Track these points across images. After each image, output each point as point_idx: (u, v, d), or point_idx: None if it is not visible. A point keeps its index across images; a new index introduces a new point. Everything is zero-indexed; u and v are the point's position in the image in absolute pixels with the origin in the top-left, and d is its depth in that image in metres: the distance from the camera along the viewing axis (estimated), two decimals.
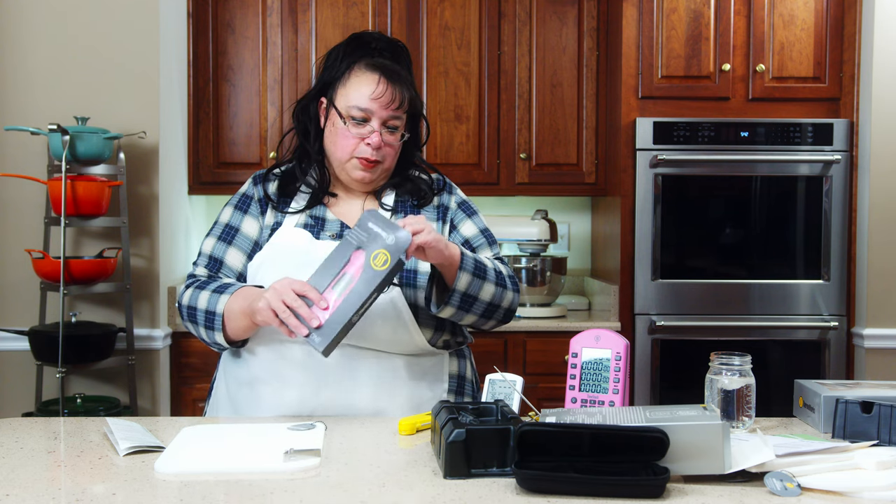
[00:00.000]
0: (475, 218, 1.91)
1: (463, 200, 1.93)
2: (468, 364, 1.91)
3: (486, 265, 1.74)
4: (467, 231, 1.88)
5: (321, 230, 1.81)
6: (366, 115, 1.77)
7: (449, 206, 1.90)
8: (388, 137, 1.79)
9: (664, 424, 1.28)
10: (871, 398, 1.51)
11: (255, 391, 1.76)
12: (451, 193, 1.93)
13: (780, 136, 3.30)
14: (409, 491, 1.28)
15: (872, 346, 3.25)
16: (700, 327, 3.29)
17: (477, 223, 1.90)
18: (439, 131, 3.58)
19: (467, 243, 1.86)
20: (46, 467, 1.42)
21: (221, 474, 1.35)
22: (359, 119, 1.77)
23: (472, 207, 1.94)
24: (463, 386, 1.87)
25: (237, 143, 3.56)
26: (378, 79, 1.77)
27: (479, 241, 1.88)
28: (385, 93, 1.76)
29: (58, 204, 2.90)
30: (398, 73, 1.79)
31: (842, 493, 1.25)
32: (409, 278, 1.76)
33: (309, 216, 1.83)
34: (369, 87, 1.76)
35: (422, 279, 1.77)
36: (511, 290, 1.78)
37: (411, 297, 1.75)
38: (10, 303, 3.15)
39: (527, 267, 3.54)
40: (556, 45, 3.60)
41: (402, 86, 1.79)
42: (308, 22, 3.54)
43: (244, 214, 1.85)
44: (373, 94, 1.76)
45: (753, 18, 3.31)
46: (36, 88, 3.13)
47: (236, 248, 1.82)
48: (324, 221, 1.83)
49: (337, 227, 1.82)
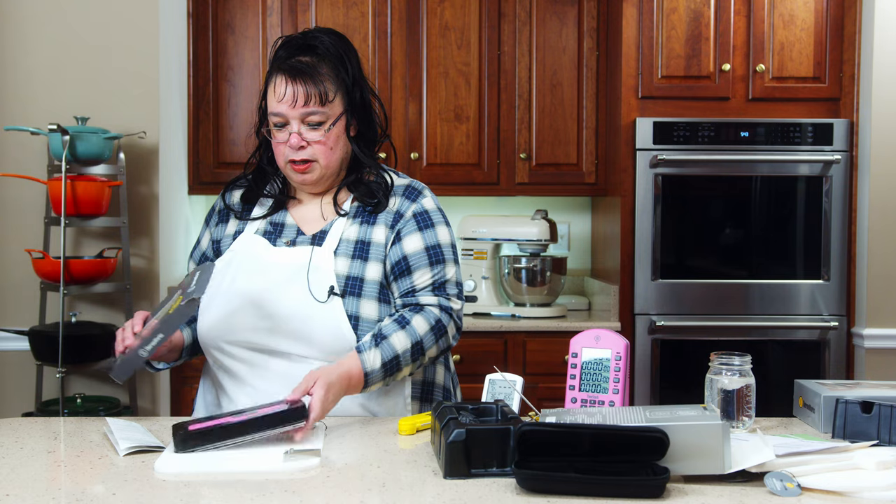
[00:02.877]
0: (428, 232, 1.81)
1: (423, 211, 1.83)
2: (439, 368, 1.88)
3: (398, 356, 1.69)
4: (409, 247, 1.79)
5: (278, 237, 1.82)
6: (282, 119, 1.77)
7: (404, 214, 1.81)
8: (310, 134, 1.76)
9: (664, 424, 1.28)
10: (871, 398, 1.52)
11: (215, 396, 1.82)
12: (413, 201, 1.83)
13: (780, 136, 3.30)
14: (409, 491, 1.28)
15: (872, 346, 3.25)
16: (700, 327, 3.29)
17: (427, 238, 1.80)
18: (439, 131, 3.58)
19: (404, 260, 1.78)
20: (46, 467, 1.42)
21: (221, 474, 1.35)
22: (279, 125, 1.78)
23: (432, 219, 1.83)
24: (431, 392, 1.85)
25: (237, 143, 3.56)
26: (284, 80, 1.75)
27: (418, 261, 1.78)
28: (287, 93, 1.74)
29: (58, 204, 2.90)
30: (304, 69, 1.75)
31: (842, 493, 1.25)
32: (354, 287, 1.75)
33: (269, 223, 1.85)
34: (278, 90, 1.76)
35: (367, 287, 1.75)
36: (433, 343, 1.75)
37: (353, 307, 1.73)
38: (10, 303, 3.15)
39: (527, 267, 3.54)
40: (556, 45, 3.60)
41: (310, 81, 1.74)
42: (308, 22, 3.53)
43: (206, 227, 1.97)
44: (278, 97, 1.75)
45: (753, 18, 3.31)
46: (36, 88, 3.13)
47: (193, 260, 1.96)
48: (282, 227, 1.84)
49: (293, 232, 1.82)
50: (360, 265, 1.76)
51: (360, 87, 1.81)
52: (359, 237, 1.79)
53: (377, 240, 1.79)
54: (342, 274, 1.75)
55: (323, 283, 1.73)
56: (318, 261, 1.75)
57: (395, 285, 1.79)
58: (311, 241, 1.80)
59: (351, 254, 1.77)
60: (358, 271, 1.76)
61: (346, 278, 1.75)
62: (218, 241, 1.88)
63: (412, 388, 1.82)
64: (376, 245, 1.79)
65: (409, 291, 1.78)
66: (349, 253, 1.77)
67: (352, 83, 1.79)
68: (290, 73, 1.75)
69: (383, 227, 1.80)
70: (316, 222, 1.83)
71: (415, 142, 3.57)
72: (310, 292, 1.72)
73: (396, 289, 1.79)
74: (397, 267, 1.78)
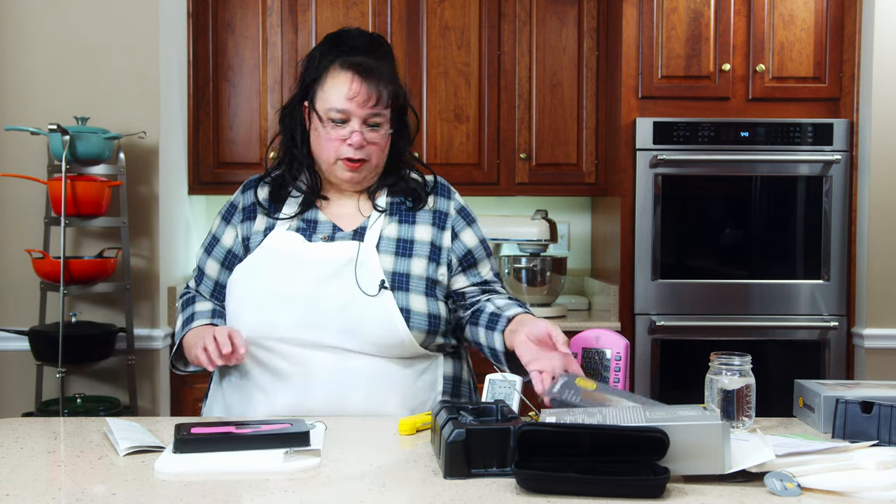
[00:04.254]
0: (475, 227, 1.91)
1: (462, 207, 1.92)
2: (464, 366, 1.90)
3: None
4: (469, 241, 1.88)
5: (313, 232, 1.81)
6: (344, 116, 1.76)
7: (448, 212, 1.88)
8: (370, 135, 1.78)
9: (664, 424, 1.28)
10: (871, 398, 1.52)
11: (248, 394, 1.77)
12: (450, 199, 1.91)
13: (780, 136, 3.30)
14: (409, 491, 1.28)
15: (872, 346, 3.25)
16: (700, 327, 3.29)
17: (477, 233, 1.90)
18: (439, 131, 3.58)
19: (469, 254, 1.86)
20: (46, 467, 1.42)
21: (221, 474, 1.35)
22: (338, 120, 1.77)
23: (471, 215, 1.93)
24: (459, 388, 1.86)
25: (237, 143, 3.56)
26: (352, 77, 1.76)
27: (480, 254, 1.89)
28: (360, 91, 1.75)
29: (58, 204, 2.90)
30: (374, 69, 1.77)
31: (842, 493, 1.25)
32: (402, 282, 1.76)
33: (301, 220, 1.83)
34: (344, 87, 1.75)
35: (414, 282, 1.77)
36: None
37: (403, 300, 1.75)
38: (10, 303, 3.15)
39: (527, 267, 3.54)
40: (556, 45, 3.60)
41: (378, 82, 1.76)
42: (308, 22, 3.53)
43: (227, 225, 1.89)
44: (348, 94, 1.75)
45: (753, 18, 3.31)
46: (36, 88, 3.13)
47: (214, 258, 1.89)
48: (315, 224, 1.83)
49: (329, 228, 1.82)
50: (405, 261, 1.78)
51: (404, 91, 1.86)
52: (400, 235, 1.81)
53: (421, 237, 1.82)
54: (388, 270, 1.76)
55: (371, 277, 1.74)
56: (364, 255, 1.76)
57: (464, 276, 1.86)
58: (352, 236, 1.80)
59: (394, 251, 1.79)
60: (403, 267, 1.78)
61: (392, 274, 1.76)
62: (247, 238, 1.84)
63: (443, 384, 1.82)
64: (420, 242, 1.81)
65: (482, 282, 1.88)
66: (392, 250, 1.79)
67: (399, 86, 1.83)
68: (359, 71, 1.76)
69: (426, 226, 1.84)
70: (353, 218, 1.83)
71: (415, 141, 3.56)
72: (358, 286, 1.72)
73: (466, 279, 1.86)
74: (465, 261, 1.86)
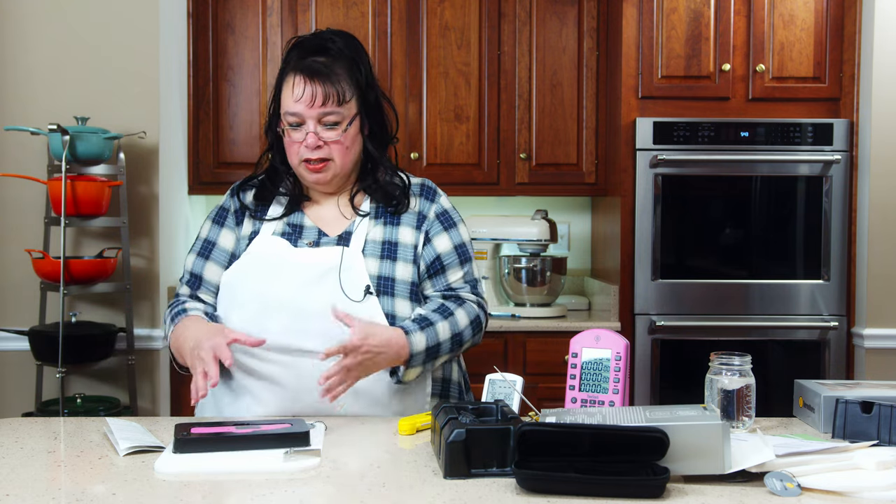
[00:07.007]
0: (453, 231, 1.88)
1: (443, 211, 1.89)
2: (454, 367, 1.90)
3: (440, 344, 1.74)
4: (441, 246, 1.85)
5: (299, 238, 1.82)
6: (298, 119, 1.78)
7: (427, 215, 1.87)
8: (326, 134, 1.78)
9: (664, 424, 1.28)
10: (871, 398, 1.52)
11: (238, 397, 1.78)
12: (433, 201, 1.89)
13: (780, 136, 3.30)
14: (409, 491, 1.28)
15: (872, 346, 3.25)
16: (700, 327, 3.29)
17: (454, 237, 1.87)
18: (439, 131, 3.58)
19: (437, 260, 1.84)
20: (46, 467, 1.42)
21: (221, 474, 1.35)
22: (294, 124, 1.79)
23: (453, 219, 1.90)
24: (448, 389, 1.86)
25: (237, 143, 3.56)
26: (301, 80, 1.77)
27: (450, 260, 1.85)
28: (305, 92, 1.76)
29: (58, 204, 2.90)
30: (321, 69, 1.77)
31: (842, 493, 1.25)
32: (387, 287, 1.77)
33: (287, 224, 1.84)
34: (295, 90, 1.77)
35: (399, 287, 1.78)
36: (471, 336, 1.82)
37: (388, 305, 1.76)
38: (10, 303, 3.15)
39: (527, 267, 3.54)
40: (556, 45, 3.60)
41: (329, 81, 1.76)
42: (308, 22, 3.53)
43: (221, 227, 1.89)
44: (296, 97, 1.77)
45: (753, 18, 3.31)
46: (36, 88, 3.13)
47: (214, 262, 1.87)
48: (301, 229, 1.84)
49: (314, 234, 1.83)
50: (390, 265, 1.79)
51: (374, 88, 1.84)
52: (385, 238, 1.82)
53: (404, 240, 1.82)
54: (373, 274, 1.77)
55: (355, 282, 1.75)
56: (349, 261, 1.76)
57: (430, 283, 1.84)
58: (337, 241, 1.81)
59: (379, 254, 1.80)
60: (388, 271, 1.78)
61: (377, 278, 1.77)
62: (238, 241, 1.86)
63: (432, 386, 1.82)
64: (404, 245, 1.82)
65: (447, 287, 1.84)
66: (377, 253, 1.80)
67: (365, 84, 1.82)
68: (307, 74, 1.77)
69: (409, 228, 1.84)
70: (337, 223, 1.84)
71: (415, 142, 3.57)
72: (343, 292, 1.73)
73: (431, 286, 1.84)
74: (432, 267, 1.84)
